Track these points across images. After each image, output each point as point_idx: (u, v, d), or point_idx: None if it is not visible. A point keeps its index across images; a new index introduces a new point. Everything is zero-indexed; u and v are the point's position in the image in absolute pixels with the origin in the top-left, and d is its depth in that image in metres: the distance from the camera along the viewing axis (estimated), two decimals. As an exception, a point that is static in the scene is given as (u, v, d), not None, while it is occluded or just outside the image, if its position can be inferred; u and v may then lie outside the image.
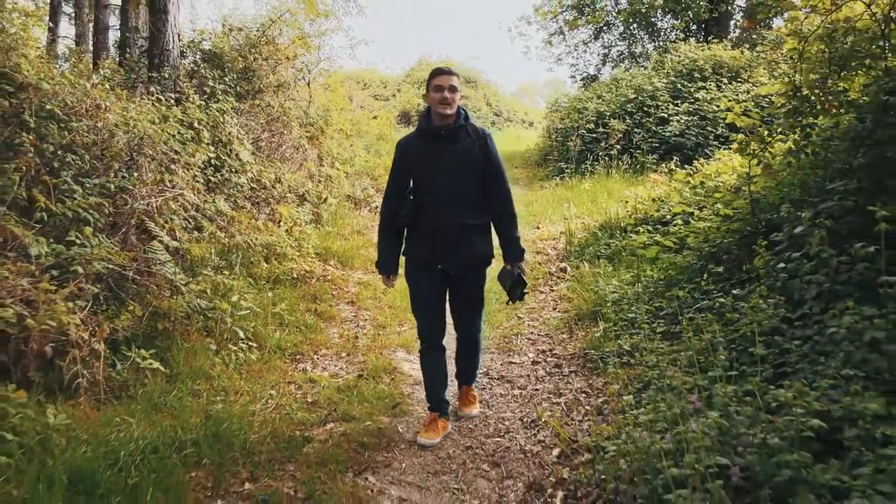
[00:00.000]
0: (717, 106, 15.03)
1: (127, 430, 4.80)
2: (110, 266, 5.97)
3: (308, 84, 14.09)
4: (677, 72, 17.49)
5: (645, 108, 16.73)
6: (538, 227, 12.11)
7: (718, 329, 5.26)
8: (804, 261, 5.19)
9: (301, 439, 5.16)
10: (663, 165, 14.04)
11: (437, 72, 4.86)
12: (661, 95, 16.79)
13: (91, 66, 8.74)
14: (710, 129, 15.23)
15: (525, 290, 5.22)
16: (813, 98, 5.96)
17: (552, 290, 8.84)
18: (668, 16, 25.45)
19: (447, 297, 5.19)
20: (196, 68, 11.48)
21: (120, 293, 6.18)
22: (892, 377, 3.96)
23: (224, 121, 9.78)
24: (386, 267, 5.10)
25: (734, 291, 5.73)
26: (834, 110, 6.12)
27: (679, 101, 16.52)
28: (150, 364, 5.56)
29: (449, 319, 5.28)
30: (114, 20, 18.15)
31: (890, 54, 5.63)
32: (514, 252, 5.07)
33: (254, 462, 4.82)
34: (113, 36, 17.87)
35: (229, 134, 9.71)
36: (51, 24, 15.21)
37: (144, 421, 5.00)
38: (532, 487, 4.61)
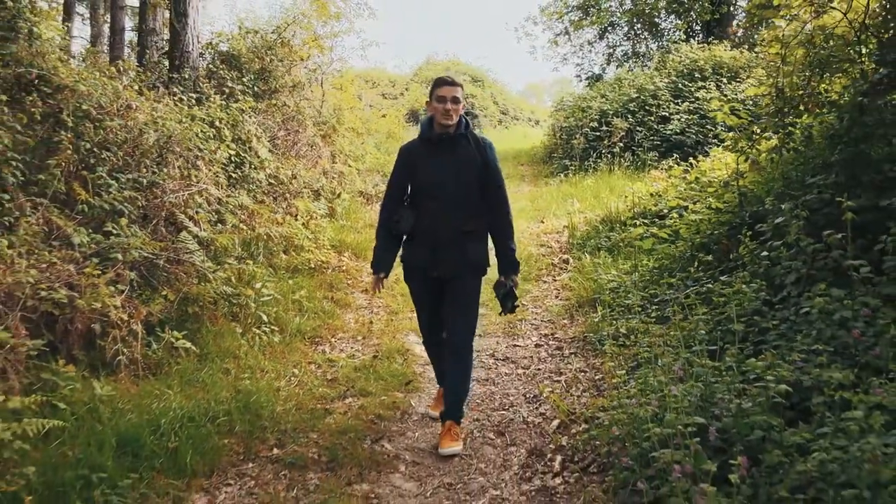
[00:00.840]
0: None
1: (165, 401, 5.26)
2: (145, 254, 6.43)
3: (321, 84, 14.54)
4: (678, 72, 17.88)
5: (647, 107, 17.11)
6: (542, 222, 12.55)
7: (705, 312, 5.70)
8: (784, 249, 5.62)
9: (323, 411, 5.62)
10: (664, 163, 14.38)
11: (441, 82, 4.81)
12: (663, 95, 17.17)
13: (121, 67, 9.15)
14: (709, 127, 15.57)
15: (516, 304, 5.14)
16: (795, 99, 6.38)
17: (555, 280, 9.28)
18: (672, 16, 25.84)
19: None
20: (215, 69, 11.91)
21: (151, 280, 6.63)
22: (857, 351, 4.38)
23: (243, 119, 10.23)
24: (378, 266, 5.06)
25: (721, 278, 6.16)
26: (816, 110, 6.55)
27: (680, 101, 16.89)
28: (183, 344, 6.02)
29: None
30: (127, 21, 18.57)
31: (865, 59, 6.04)
32: (508, 265, 4.99)
33: (280, 430, 5.28)
34: (127, 37, 18.31)
35: (248, 132, 10.15)
36: (66, 25, 15.68)
37: (180, 394, 5.45)
38: (533, 453, 5.05)
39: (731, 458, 3.78)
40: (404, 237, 5.05)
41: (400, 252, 5.13)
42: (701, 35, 23.84)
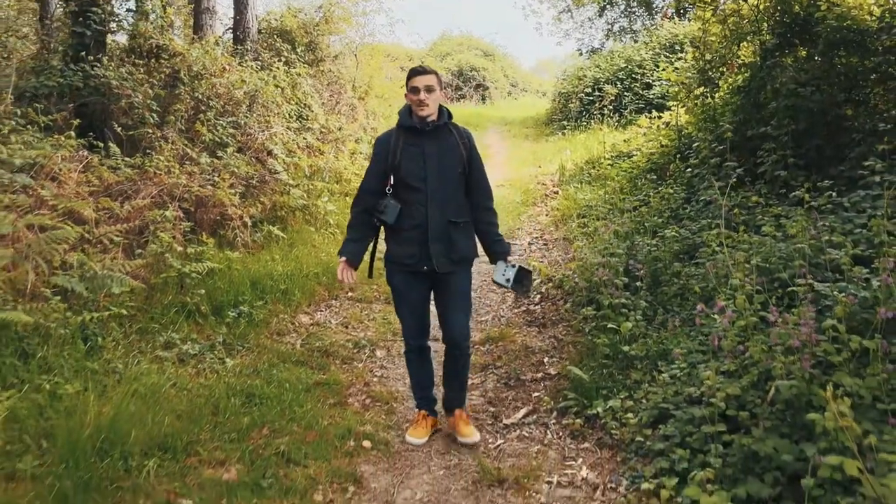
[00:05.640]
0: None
1: (273, 264, 7.48)
2: (247, 172, 8.62)
3: (356, 55, 16.66)
4: (661, 45, 19.82)
5: (633, 75, 19.09)
6: (539, 167, 14.72)
7: (645, 209, 7.89)
8: (700, 165, 7.79)
9: (379, 274, 7.83)
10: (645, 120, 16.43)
11: (414, 72, 4.43)
12: (647, 64, 19.12)
13: (216, 40, 11.28)
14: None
15: (532, 280, 4.87)
16: (715, 61, 8.51)
17: (546, 205, 11.47)
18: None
19: (432, 298, 4.69)
20: (273, 42, 14.06)
21: (247, 194, 8.82)
22: (727, 221, 6.54)
23: (299, 82, 12.38)
24: (349, 252, 4.58)
25: (659, 189, 8.34)
26: (735, 70, 8.67)
27: (661, 69, 18.87)
28: (278, 233, 8.23)
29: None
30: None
31: (765, 32, 8.13)
32: (501, 248, 4.65)
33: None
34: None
35: (304, 92, 12.32)
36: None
37: (281, 262, 7.66)
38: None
39: (640, 277, 5.97)
40: (385, 233, 4.59)
41: (383, 250, 4.66)
42: (692, 10, 25.62)
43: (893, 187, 4.77)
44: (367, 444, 4.57)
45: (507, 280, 4.58)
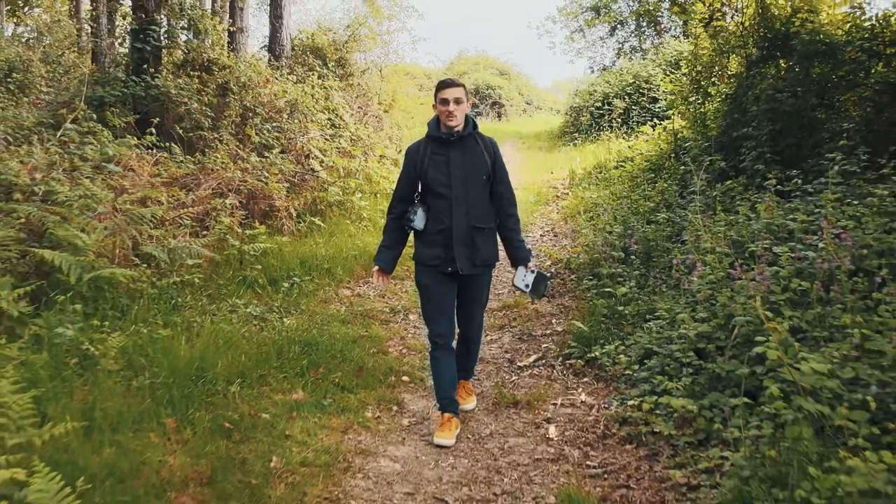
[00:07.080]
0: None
1: (317, 248, 8.45)
2: (291, 170, 9.63)
3: (380, 72, 17.72)
4: (667, 61, 20.73)
5: (641, 90, 20.01)
6: (551, 172, 15.73)
7: (642, 203, 8.82)
8: (692, 163, 8.71)
9: (409, 259, 8.80)
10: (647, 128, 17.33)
11: (442, 84, 4.63)
12: (653, 80, 20.04)
13: (257, 56, 12.32)
14: (688, 105, 18.53)
15: (550, 284, 5.19)
16: (706, 72, 9.46)
17: (557, 204, 12.44)
18: (674, 16, 28.47)
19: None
20: (306, 58, 15.12)
21: (290, 189, 9.82)
22: (709, 206, 7.45)
23: (331, 94, 13.42)
24: (382, 261, 4.96)
25: (654, 184, 9.27)
26: (725, 80, 9.62)
27: (661, 79, 19.72)
28: (319, 223, 9.21)
29: None
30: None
31: (750, 45, 9.07)
32: (523, 255, 4.88)
33: (385, 264, 8.48)
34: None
35: (336, 103, 13.35)
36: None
37: (324, 247, 8.63)
38: (534, 275, 8.22)
39: (634, 251, 6.89)
40: (414, 235, 4.86)
41: (413, 252, 4.94)
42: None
43: (839, 170, 5.70)
44: (405, 378, 5.54)
45: (527, 286, 4.83)
